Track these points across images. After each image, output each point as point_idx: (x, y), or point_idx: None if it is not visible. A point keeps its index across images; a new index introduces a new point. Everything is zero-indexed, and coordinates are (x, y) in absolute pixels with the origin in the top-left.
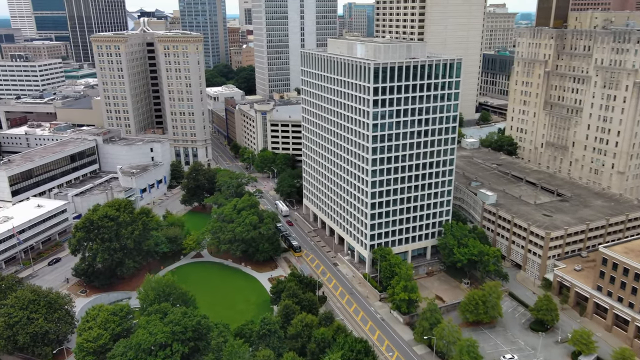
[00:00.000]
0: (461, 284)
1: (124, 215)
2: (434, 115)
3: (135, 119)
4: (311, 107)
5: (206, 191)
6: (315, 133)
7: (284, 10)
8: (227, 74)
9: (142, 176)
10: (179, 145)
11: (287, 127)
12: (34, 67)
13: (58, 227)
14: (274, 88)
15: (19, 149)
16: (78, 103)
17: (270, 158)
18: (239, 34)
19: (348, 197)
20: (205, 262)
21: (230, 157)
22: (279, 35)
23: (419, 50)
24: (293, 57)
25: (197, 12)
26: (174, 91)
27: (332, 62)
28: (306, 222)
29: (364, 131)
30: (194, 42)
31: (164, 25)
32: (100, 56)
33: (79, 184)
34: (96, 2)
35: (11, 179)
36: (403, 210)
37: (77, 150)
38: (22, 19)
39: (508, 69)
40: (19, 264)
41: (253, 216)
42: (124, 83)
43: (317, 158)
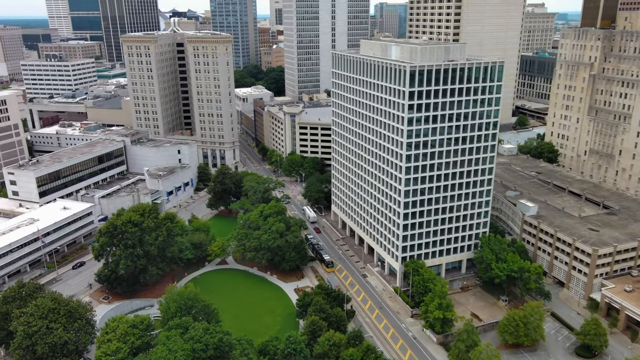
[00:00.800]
0: (499, 300)
1: (148, 221)
2: (472, 121)
3: (163, 120)
4: (342, 110)
5: (233, 195)
6: (346, 137)
7: (315, 10)
8: (256, 74)
9: (169, 179)
10: (207, 147)
11: (316, 130)
12: (67, 67)
13: (83, 230)
14: (304, 89)
15: (49, 149)
16: (108, 103)
17: (298, 162)
18: (269, 34)
19: (379, 205)
20: (230, 269)
21: (258, 159)
22: (310, 35)
23: (458, 52)
24: (323, 58)
25: (228, 12)
26: (202, 92)
27: (365, 64)
28: (334, 229)
29: (398, 137)
30: (224, 43)
31: (194, 25)
32: (130, 56)
33: (106, 186)
34: (129, 3)
35: (39, 180)
36: (438, 221)
37: (105, 152)
38: (59, 19)
39: (547, 71)
40: (43, 267)
41: (280, 223)
42: (153, 84)
43: (346, 163)
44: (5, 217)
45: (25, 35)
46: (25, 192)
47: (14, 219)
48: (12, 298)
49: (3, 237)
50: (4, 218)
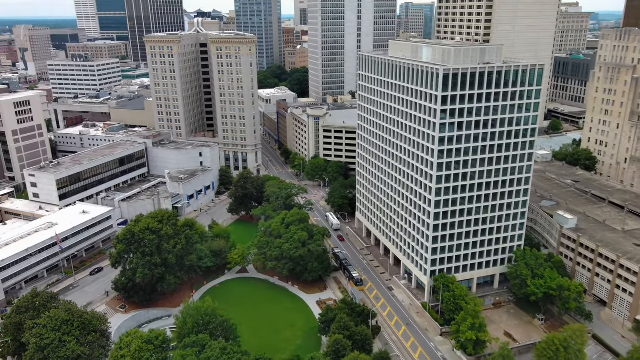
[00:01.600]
0: (534, 319)
1: (167, 228)
2: (509, 127)
3: (186, 121)
4: (368, 114)
5: (254, 200)
6: (372, 143)
7: (340, 10)
8: (280, 75)
9: (190, 182)
10: (229, 149)
11: (341, 134)
12: (92, 67)
13: (102, 234)
14: (328, 91)
15: (73, 149)
16: (131, 104)
17: (321, 166)
18: (294, 35)
19: (407, 215)
20: (250, 278)
21: (280, 162)
22: (335, 36)
23: (494, 54)
24: (348, 59)
25: (253, 12)
26: (225, 94)
27: (393, 66)
28: (358, 237)
29: (429, 144)
30: (247, 44)
31: (218, 25)
32: (153, 57)
33: (127, 188)
34: (154, 3)
35: (59, 183)
36: (470, 233)
37: (126, 154)
38: (87, 20)
39: (582, 73)
40: (61, 272)
41: (302, 232)
42: (175, 85)
43: (372, 170)
44: (26, 219)
45: (54, 36)
46: (45, 195)
47: (32, 223)
48: (25, 308)
49: (21, 241)
50: (24, 221)
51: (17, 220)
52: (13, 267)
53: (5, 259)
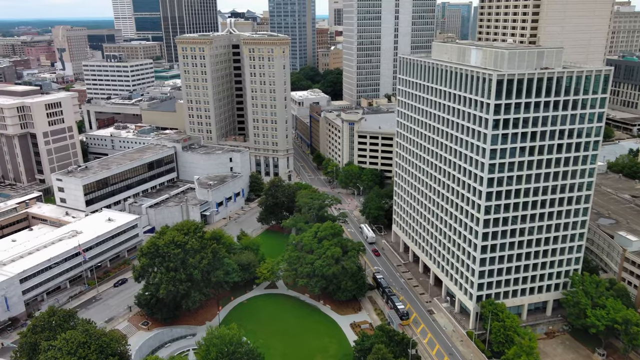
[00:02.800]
0: (594, 354)
1: (193, 242)
2: (569, 140)
3: (217, 124)
4: (408, 121)
5: (285, 209)
6: (412, 152)
7: (377, 10)
8: (313, 77)
9: (219, 189)
10: (260, 154)
11: (376, 140)
12: (126, 68)
13: (127, 243)
14: (362, 93)
15: (103, 151)
16: (163, 105)
17: (355, 173)
18: (328, 35)
19: (450, 232)
20: (280, 295)
21: (312, 168)
22: (371, 36)
23: (553, 57)
24: (384, 61)
25: (287, 12)
26: (257, 97)
27: (438, 70)
28: (395, 252)
29: (478, 157)
30: (280, 45)
31: (251, 26)
32: (184, 58)
33: (155, 194)
34: (189, 3)
35: (86, 188)
36: (521, 255)
37: (155, 158)
38: (124, 20)
39: (636, 77)
40: (84, 283)
41: (336, 248)
42: (207, 87)
43: (411, 180)
44: (52, 225)
45: (91, 36)
46: (72, 200)
47: (57, 231)
48: (41, 328)
49: (44, 250)
50: (51, 226)
51: (43, 225)
52: (35, 278)
53: (27, 270)
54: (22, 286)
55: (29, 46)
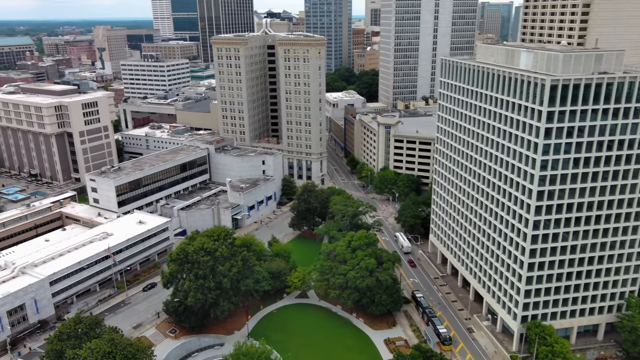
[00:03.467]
0: None
1: (222, 249)
2: (629, 151)
3: (250, 126)
4: (450, 126)
5: (318, 215)
6: (453, 159)
7: (416, 9)
8: (348, 78)
9: (251, 192)
10: (293, 157)
11: (414, 144)
12: (162, 67)
13: (158, 247)
14: (399, 95)
15: (138, 150)
16: (197, 106)
17: (391, 179)
18: (364, 36)
19: (493, 247)
20: (311, 305)
21: (346, 171)
22: (409, 37)
23: (613, 61)
24: (422, 62)
25: (323, 12)
26: (291, 98)
27: (483, 73)
28: (432, 263)
29: (527, 168)
30: (316, 46)
31: (287, 26)
32: (219, 59)
33: (187, 196)
34: (225, 3)
35: (118, 189)
36: (572, 274)
37: (188, 160)
38: (162, 20)
39: None
40: (114, 287)
41: (370, 259)
42: (241, 88)
43: (451, 189)
44: (85, 225)
45: (130, 36)
46: (105, 201)
47: (88, 232)
48: (67, 335)
49: (75, 252)
50: (83, 227)
51: (76, 225)
52: (65, 280)
53: (57, 272)
54: (52, 289)
55: (71, 45)
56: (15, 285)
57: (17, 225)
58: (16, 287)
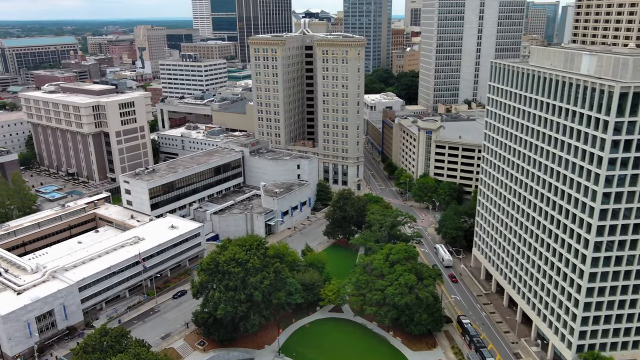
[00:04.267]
0: None
1: (254, 260)
2: None
3: (285, 128)
4: (499, 134)
5: (354, 224)
6: (501, 169)
7: (460, 9)
8: (386, 79)
9: (285, 197)
10: (328, 161)
11: (456, 151)
12: (200, 67)
13: (189, 252)
14: (440, 98)
15: (174, 151)
16: (233, 107)
17: (431, 187)
18: (403, 36)
19: (546, 267)
20: (345, 320)
21: (383, 177)
22: (452, 38)
23: None
24: (465, 64)
25: (362, 12)
26: (328, 101)
27: (538, 78)
28: (475, 279)
29: (589, 184)
30: (356, 47)
31: (326, 27)
32: (256, 60)
33: (220, 199)
34: (264, 3)
35: (151, 192)
36: (637, 302)
37: (222, 162)
38: (202, 20)
39: None
40: (143, 293)
41: (410, 275)
42: (277, 89)
43: (499, 202)
44: (117, 227)
45: (170, 35)
46: (138, 203)
47: (120, 236)
48: (92, 348)
49: (106, 257)
50: (116, 229)
51: (109, 227)
52: (94, 286)
53: (87, 278)
54: (81, 294)
55: (113, 45)
56: (45, 290)
57: (51, 225)
58: (46, 292)
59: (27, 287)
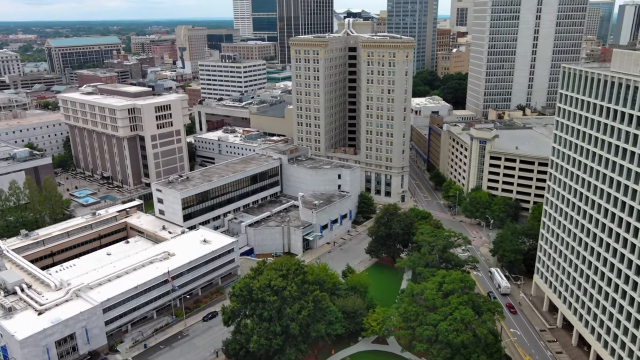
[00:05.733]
0: None
1: (292, 287)
2: None
3: (326, 134)
4: (571, 150)
5: (399, 242)
6: (574, 190)
7: (515, 8)
8: (431, 82)
9: (325, 210)
10: (371, 170)
11: (513, 163)
12: (239, 68)
13: (221, 269)
14: (490, 103)
15: (210, 154)
16: (272, 110)
17: (484, 202)
18: (449, 37)
19: (629, 306)
20: (391, 354)
21: (429, 187)
22: (505, 38)
23: None
24: (519, 67)
25: (406, 12)
26: (372, 106)
27: (625, 87)
28: (536, 311)
29: None
30: (404, 49)
31: (371, 27)
32: (297, 62)
33: (256, 209)
34: (305, 3)
35: (184, 202)
36: None
37: (259, 171)
38: (242, 20)
39: None
40: (171, 314)
41: (466, 309)
42: (319, 93)
43: (569, 226)
44: (148, 238)
45: (210, 35)
46: (170, 213)
47: (150, 250)
48: None
49: (134, 273)
50: (146, 241)
51: (140, 238)
52: (119, 307)
53: (112, 298)
54: (105, 316)
55: (155, 44)
56: (67, 310)
57: (81, 235)
58: (68, 313)
59: (49, 306)
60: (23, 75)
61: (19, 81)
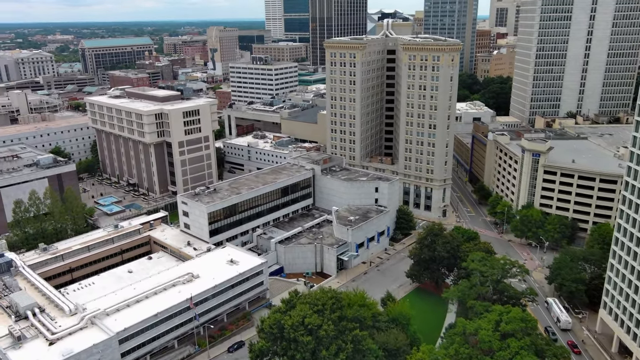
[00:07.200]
0: None
1: (328, 325)
2: None
3: (362, 142)
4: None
5: (444, 266)
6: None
7: (567, 7)
8: (470, 85)
9: (361, 227)
10: (410, 181)
11: (571, 179)
12: (270, 71)
13: (249, 293)
14: (537, 109)
15: (239, 161)
16: (303, 115)
17: (536, 221)
18: (489, 38)
19: None
20: None
21: (472, 201)
22: (555, 40)
23: None
24: (570, 71)
25: (444, 12)
26: (413, 114)
27: None
28: (603, 351)
29: None
30: (450, 52)
31: (411, 28)
32: (332, 65)
33: (287, 223)
34: (338, 4)
35: (211, 216)
36: None
37: (290, 182)
38: (274, 21)
39: None
40: (194, 343)
41: (529, 355)
42: (354, 99)
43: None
44: (172, 255)
45: (242, 36)
46: (196, 228)
47: (172, 271)
48: None
49: (154, 298)
50: (170, 257)
51: (163, 254)
52: (137, 337)
53: (129, 327)
54: (121, 347)
55: (187, 45)
56: (80, 341)
57: (102, 250)
58: (81, 345)
59: (61, 335)
60: (57, 75)
61: (53, 82)
